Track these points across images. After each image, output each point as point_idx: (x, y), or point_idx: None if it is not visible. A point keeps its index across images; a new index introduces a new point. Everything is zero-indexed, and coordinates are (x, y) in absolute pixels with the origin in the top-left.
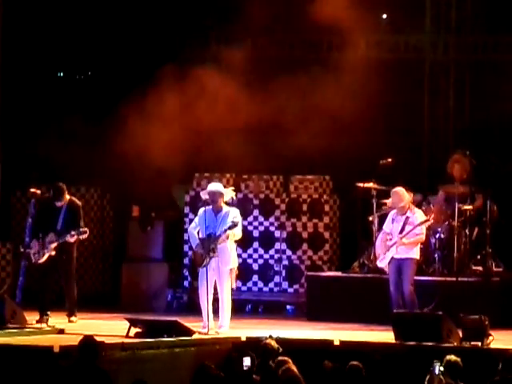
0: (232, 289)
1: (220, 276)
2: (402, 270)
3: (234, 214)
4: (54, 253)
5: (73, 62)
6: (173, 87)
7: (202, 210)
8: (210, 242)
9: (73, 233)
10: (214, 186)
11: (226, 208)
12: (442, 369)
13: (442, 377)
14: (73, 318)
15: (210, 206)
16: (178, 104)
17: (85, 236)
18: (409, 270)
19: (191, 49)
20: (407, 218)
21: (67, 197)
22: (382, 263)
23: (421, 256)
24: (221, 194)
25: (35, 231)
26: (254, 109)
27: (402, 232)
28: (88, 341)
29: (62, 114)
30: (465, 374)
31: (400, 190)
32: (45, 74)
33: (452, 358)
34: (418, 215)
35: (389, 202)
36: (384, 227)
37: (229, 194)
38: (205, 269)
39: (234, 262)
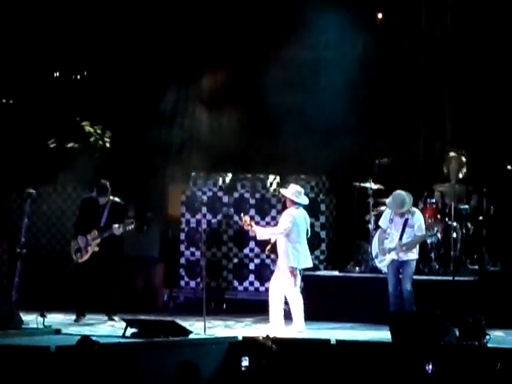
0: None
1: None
2: (402, 269)
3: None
4: (97, 249)
5: (69, 62)
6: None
7: None
8: None
9: (116, 225)
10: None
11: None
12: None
13: None
14: (116, 318)
15: None
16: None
17: (132, 227)
18: (409, 270)
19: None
20: (406, 220)
21: (111, 197)
22: (382, 264)
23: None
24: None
25: (78, 229)
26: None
27: (402, 236)
28: (85, 341)
29: (57, 113)
30: (462, 373)
31: (402, 194)
32: (41, 74)
33: None
34: (417, 216)
35: (387, 201)
36: (380, 224)
37: (288, 192)
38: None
39: (287, 262)
